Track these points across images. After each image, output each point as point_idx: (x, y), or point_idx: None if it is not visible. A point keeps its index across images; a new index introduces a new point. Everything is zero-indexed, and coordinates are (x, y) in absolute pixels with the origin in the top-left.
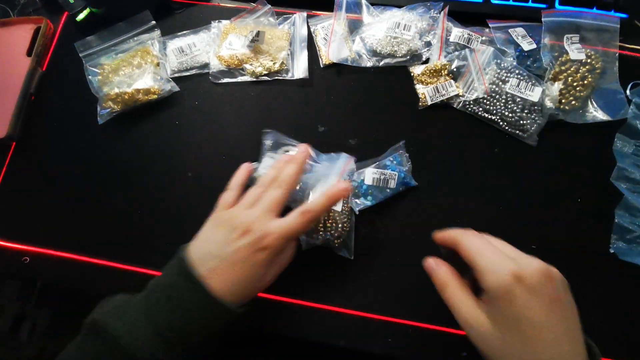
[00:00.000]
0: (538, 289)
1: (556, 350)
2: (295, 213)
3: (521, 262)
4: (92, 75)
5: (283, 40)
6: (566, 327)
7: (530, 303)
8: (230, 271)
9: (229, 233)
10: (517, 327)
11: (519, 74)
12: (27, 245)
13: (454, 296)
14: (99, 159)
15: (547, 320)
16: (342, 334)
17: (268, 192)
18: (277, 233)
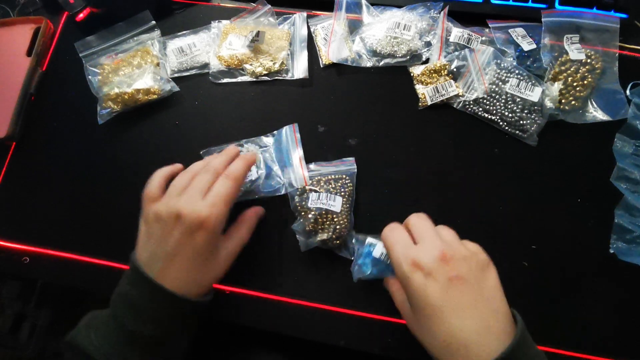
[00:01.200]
0: (434, 272)
1: (458, 324)
2: (220, 179)
3: (420, 250)
4: (92, 75)
5: (283, 40)
6: (469, 301)
7: (426, 286)
8: (178, 264)
9: (163, 226)
10: (420, 309)
11: (519, 74)
12: (27, 245)
13: (394, 292)
14: (99, 159)
15: (443, 299)
16: (342, 334)
17: (215, 183)
18: (207, 207)
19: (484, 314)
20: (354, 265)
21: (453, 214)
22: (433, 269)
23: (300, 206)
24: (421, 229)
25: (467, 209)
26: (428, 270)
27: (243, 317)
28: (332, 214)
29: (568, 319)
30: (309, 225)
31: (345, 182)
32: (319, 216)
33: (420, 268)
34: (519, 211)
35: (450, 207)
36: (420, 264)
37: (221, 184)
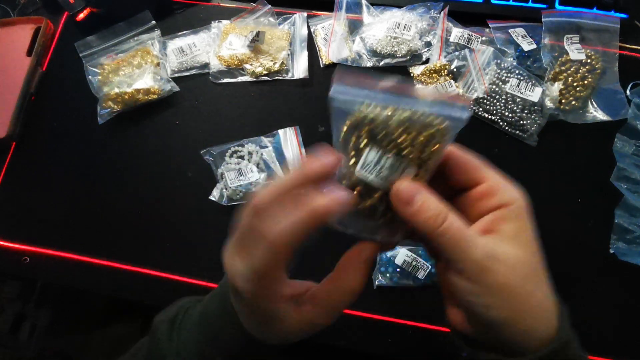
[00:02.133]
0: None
1: (550, 289)
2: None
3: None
4: (92, 75)
5: (283, 40)
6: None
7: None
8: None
9: None
10: (535, 248)
11: (519, 74)
12: (27, 245)
13: (463, 227)
14: (99, 159)
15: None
16: (343, 334)
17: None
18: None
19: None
20: (375, 272)
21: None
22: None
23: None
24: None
25: None
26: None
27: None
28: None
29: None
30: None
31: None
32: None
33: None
34: None
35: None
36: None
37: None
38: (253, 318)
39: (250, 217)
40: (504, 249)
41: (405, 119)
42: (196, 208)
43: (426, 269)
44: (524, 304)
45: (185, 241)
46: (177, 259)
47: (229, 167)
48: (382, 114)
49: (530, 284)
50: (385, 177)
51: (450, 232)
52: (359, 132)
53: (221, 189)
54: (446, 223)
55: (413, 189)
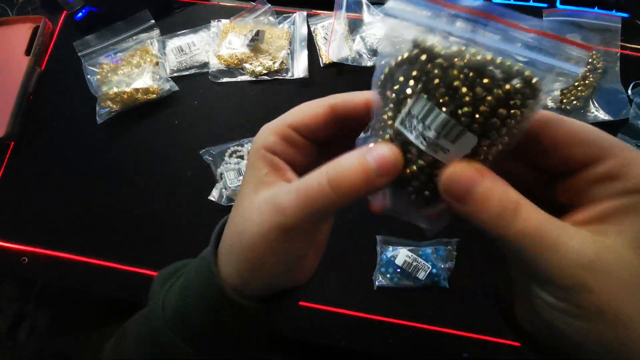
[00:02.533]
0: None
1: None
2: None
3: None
4: (91, 74)
5: (283, 39)
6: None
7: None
8: (225, 233)
9: None
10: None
11: None
12: (26, 245)
13: (545, 222)
14: (98, 159)
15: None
16: (343, 334)
17: None
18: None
19: None
20: (376, 273)
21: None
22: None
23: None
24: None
25: None
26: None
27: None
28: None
29: None
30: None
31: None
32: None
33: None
34: None
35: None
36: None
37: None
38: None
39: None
40: (618, 255)
41: (480, 62)
42: (195, 208)
43: (427, 269)
44: (631, 335)
45: (185, 241)
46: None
47: (228, 167)
48: (448, 52)
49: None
50: (432, 141)
51: (526, 229)
52: (409, 71)
53: (220, 189)
54: (520, 218)
55: (469, 178)
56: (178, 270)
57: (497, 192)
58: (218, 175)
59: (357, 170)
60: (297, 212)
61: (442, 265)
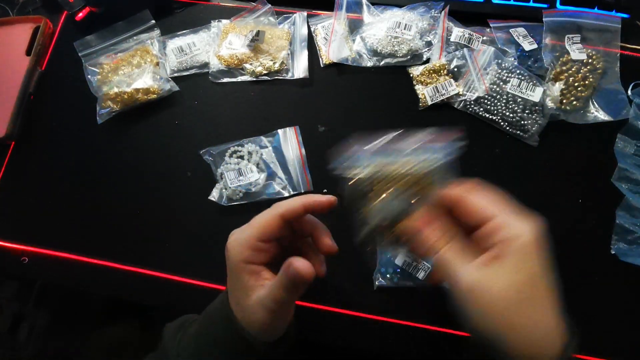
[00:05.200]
0: (545, 245)
1: (558, 313)
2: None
3: (534, 218)
4: (92, 74)
5: (283, 39)
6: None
7: (548, 260)
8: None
9: None
10: (536, 284)
11: (519, 74)
12: (26, 245)
13: (456, 257)
14: (98, 159)
15: (553, 281)
16: (343, 334)
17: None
18: (233, 233)
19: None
20: (376, 273)
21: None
22: (545, 243)
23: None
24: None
25: None
26: (546, 241)
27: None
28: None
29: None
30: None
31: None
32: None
33: (543, 236)
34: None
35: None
36: (543, 232)
37: (262, 213)
38: (232, 296)
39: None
40: (493, 280)
41: (393, 173)
42: (196, 208)
43: (426, 269)
44: (511, 330)
45: (185, 241)
46: (177, 259)
47: (228, 167)
48: (370, 173)
49: (516, 318)
50: (393, 217)
51: (441, 261)
52: (359, 190)
53: (221, 189)
54: (440, 253)
55: (414, 228)
56: (186, 321)
57: (429, 236)
58: (218, 175)
59: (309, 269)
60: (284, 296)
61: None
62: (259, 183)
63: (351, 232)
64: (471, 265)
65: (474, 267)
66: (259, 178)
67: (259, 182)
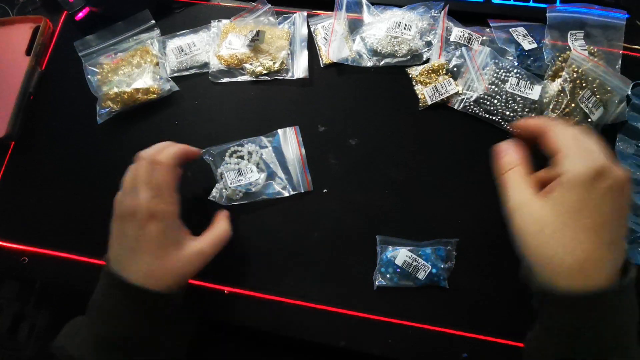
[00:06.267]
0: (615, 191)
1: (605, 249)
2: (154, 168)
3: (607, 163)
4: (91, 74)
5: (283, 39)
6: (619, 234)
7: (603, 200)
8: (137, 258)
9: (120, 224)
10: (577, 216)
11: (517, 73)
12: (26, 245)
13: (517, 178)
14: (98, 159)
15: (607, 220)
16: (343, 334)
17: (152, 172)
18: (152, 199)
19: (619, 252)
20: (376, 273)
21: (455, 214)
22: (618, 190)
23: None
24: (584, 139)
25: (469, 209)
26: (613, 187)
27: (242, 318)
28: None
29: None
30: None
31: None
32: None
33: (607, 178)
34: None
35: (451, 207)
36: (610, 175)
37: (157, 172)
38: (159, 251)
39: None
40: (536, 205)
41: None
42: (195, 208)
43: (426, 269)
44: (541, 255)
45: None
46: None
47: (228, 167)
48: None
49: (549, 241)
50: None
51: (504, 178)
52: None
53: (221, 189)
54: (508, 173)
55: (506, 145)
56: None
57: (511, 155)
58: (218, 175)
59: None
60: (213, 249)
61: (442, 265)
62: (259, 183)
63: (351, 230)
64: (526, 190)
65: (527, 192)
66: (258, 178)
67: (258, 182)
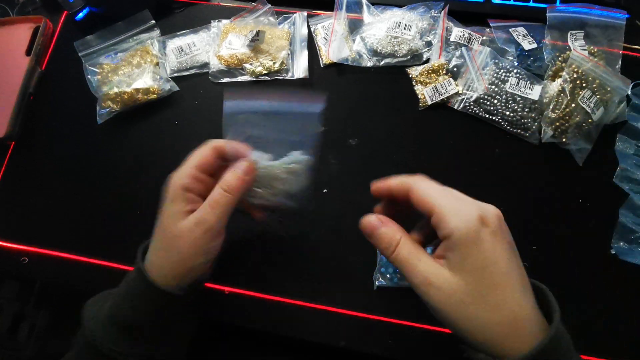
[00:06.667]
0: (499, 232)
1: (521, 295)
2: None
3: (480, 206)
4: (92, 74)
5: (283, 39)
6: (522, 272)
7: (496, 247)
8: (151, 247)
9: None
10: (484, 274)
11: (517, 73)
12: (26, 245)
13: (410, 254)
14: (98, 159)
15: (510, 265)
16: (343, 335)
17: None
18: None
19: (528, 286)
20: (376, 273)
21: None
22: (499, 229)
23: None
24: (448, 190)
25: None
26: (495, 229)
27: (242, 318)
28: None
29: (568, 319)
30: None
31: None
32: None
33: (488, 226)
34: (520, 211)
35: None
36: (488, 220)
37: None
38: (163, 239)
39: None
40: (443, 276)
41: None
42: None
43: None
44: (468, 321)
45: None
46: None
47: None
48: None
49: (472, 308)
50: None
51: (398, 258)
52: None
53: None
54: (397, 250)
55: (374, 224)
56: (102, 297)
57: (388, 234)
58: None
59: (236, 175)
60: (215, 216)
61: None
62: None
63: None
64: (427, 262)
65: (429, 263)
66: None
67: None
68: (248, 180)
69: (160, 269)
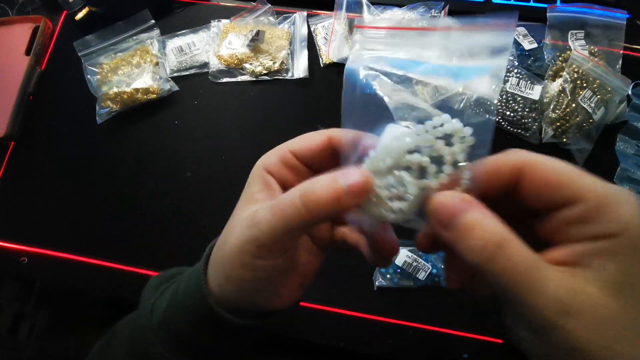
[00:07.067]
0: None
1: None
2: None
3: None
4: (91, 74)
5: (283, 39)
6: None
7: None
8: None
9: None
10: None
11: (517, 73)
12: (25, 245)
13: (528, 261)
14: (98, 159)
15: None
16: (343, 335)
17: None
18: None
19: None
20: (376, 273)
21: None
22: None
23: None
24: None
25: None
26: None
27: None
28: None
29: None
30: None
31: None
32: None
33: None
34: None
35: None
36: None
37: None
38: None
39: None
40: (587, 296)
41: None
42: (195, 208)
43: (427, 269)
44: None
45: (185, 241)
46: (176, 259)
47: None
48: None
49: (630, 346)
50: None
51: (501, 267)
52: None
53: None
54: (503, 254)
55: (455, 206)
56: (173, 276)
57: (482, 225)
58: None
59: (328, 189)
60: (270, 227)
61: (442, 265)
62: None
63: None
64: (551, 274)
65: (556, 276)
66: None
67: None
68: (348, 203)
69: (211, 271)
